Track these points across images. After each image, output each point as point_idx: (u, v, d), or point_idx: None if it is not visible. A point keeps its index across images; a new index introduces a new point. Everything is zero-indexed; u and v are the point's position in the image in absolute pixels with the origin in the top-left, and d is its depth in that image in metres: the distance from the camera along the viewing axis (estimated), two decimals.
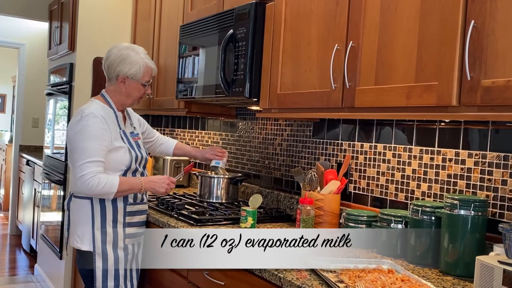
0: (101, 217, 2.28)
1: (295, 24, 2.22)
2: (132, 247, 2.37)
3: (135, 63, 2.34)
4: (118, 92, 2.37)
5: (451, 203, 1.72)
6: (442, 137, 2.01)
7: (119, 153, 2.28)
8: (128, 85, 2.35)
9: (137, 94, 2.39)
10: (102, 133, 2.21)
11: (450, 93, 1.52)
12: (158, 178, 2.34)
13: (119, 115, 2.37)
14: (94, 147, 2.18)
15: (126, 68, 2.33)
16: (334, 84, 1.96)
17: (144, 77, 2.37)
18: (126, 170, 2.32)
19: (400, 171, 2.18)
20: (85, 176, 2.17)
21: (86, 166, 2.17)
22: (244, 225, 2.29)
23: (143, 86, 2.38)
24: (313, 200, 2.24)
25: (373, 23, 1.83)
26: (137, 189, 2.29)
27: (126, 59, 2.33)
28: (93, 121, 2.21)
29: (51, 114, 4.55)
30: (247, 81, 2.39)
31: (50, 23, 4.66)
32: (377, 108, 1.81)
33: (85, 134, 2.19)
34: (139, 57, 2.35)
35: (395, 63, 1.73)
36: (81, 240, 2.28)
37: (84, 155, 2.18)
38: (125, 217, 2.33)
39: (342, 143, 2.48)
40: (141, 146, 2.45)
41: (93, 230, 2.27)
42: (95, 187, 2.17)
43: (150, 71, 2.39)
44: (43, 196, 4.66)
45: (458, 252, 1.70)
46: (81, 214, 2.29)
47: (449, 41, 1.53)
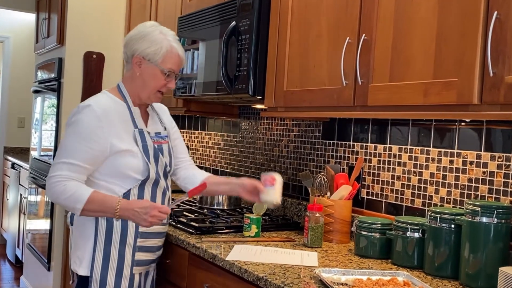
0: (105, 236, 2.03)
1: (303, 15, 2.23)
2: (139, 277, 2.12)
3: (156, 42, 2.04)
4: (133, 78, 2.09)
5: (472, 209, 1.73)
6: (463, 138, 2.02)
7: (126, 159, 2.02)
8: (145, 69, 2.06)
9: (154, 84, 2.07)
10: (95, 133, 1.97)
11: (471, 90, 1.53)
12: (139, 206, 1.95)
13: (135, 111, 2.10)
14: (77, 148, 1.97)
15: (144, 45, 2.04)
16: (345, 81, 1.97)
17: (165, 62, 2.05)
18: (144, 181, 2.05)
19: (416, 175, 2.19)
20: (52, 178, 1.96)
21: (59, 167, 1.97)
22: (248, 233, 2.30)
23: (163, 74, 2.06)
24: (322, 206, 2.25)
25: (387, 14, 1.84)
26: (110, 213, 1.96)
27: (147, 36, 2.05)
28: (89, 116, 1.98)
29: (38, 113, 4.58)
30: (250, 78, 2.40)
31: (37, 14, 4.69)
32: (392, 106, 1.82)
33: (73, 129, 1.99)
34: (164, 37, 2.06)
35: (412, 57, 1.74)
36: (79, 261, 2.05)
37: (63, 153, 1.98)
38: (137, 239, 2.07)
39: (354, 144, 2.49)
40: (166, 152, 2.17)
41: (94, 251, 2.02)
42: (58, 195, 1.95)
43: (175, 57, 2.07)
44: (29, 202, 4.68)
45: (479, 263, 1.71)
46: (83, 231, 2.07)
47: (470, 33, 1.54)
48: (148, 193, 2.08)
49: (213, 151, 3.58)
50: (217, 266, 2.02)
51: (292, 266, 1.89)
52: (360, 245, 2.08)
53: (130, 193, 2.05)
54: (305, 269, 1.86)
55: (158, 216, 1.95)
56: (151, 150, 2.08)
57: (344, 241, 2.28)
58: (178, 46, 2.09)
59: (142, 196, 2.07)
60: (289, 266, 1.89)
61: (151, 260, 2.16)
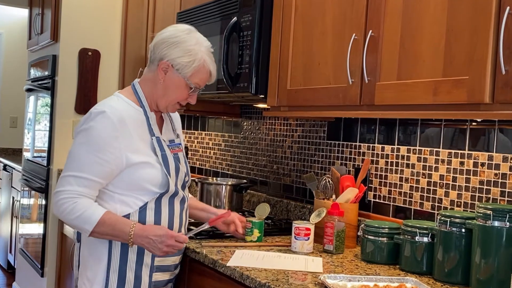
0: (120, 256, 1.95)
1: (307, 11, 2.24)
2: None
3: (191, 53, 1.96)
4: (154, 82, 2.01)
5: (483, 213, 1.73)
6: (474, 139, 2.02)
7: (143, 171, 1.94)
8: (170, 78, 1.98)
9: (176, 95, 2.01)
10: (110, 143, 1.88)
11: (483, 88, 1.53)
12: (155, 233, 1.88)
13: (151, 117, 2.02)
14: (89, 159, 1.87)
15: (176, 53, 1.96)
16: (351, 79, 1.97)
17: (194, 76, 1.98)
18: (162, 194, 1.98)
19: (426, 177, 2.19)
20: (60, 194, 1.88)
21: (68, 180, 1.88)
22: (250, 238, 2.30)
23: (189, 88, 2.00)
24: (344, 211, 2.21)
25: (395, 9, 1.85)
26: (124, 239, 1.90)
27: (182, 44, 1.96)
28: (103, 124, 1.88)
29: (31, 113, 4.59)
30: (252, 76, 2.41)
31: (30, 9, 4.70)
32: (399, 105, 1.82)
33: (85, 138, 1.90)
34: (199, 49, 1.98)
35: (420, 55, 1.75)
36: (90, 284, 1.96)
37: (73, 165, 1.90)
38: (154, 258, 1.99)
39: (360, 145, 2.49)
40: (182, 161, 2.09)
41: (108, 273, 1.94)
42: (66, 214, 1.88)
43: (206, 73, 2.01)
44: (22, 206, 4.70)
45: (491, 269, 1.71)
46: (94, 249, 1.97)
47: (481, 29, 1.55)
48: (165, 205, 2.01)
49: (213, 152, 3.59)
50: (218, 272, 2.03)
51: (295, 272, 1.90)
52: (366, 250, 2.09)
53: (147, 206, 1.97)
54: (309, 275, 1.86)
55: (174, 246, 1.90)
56: (170, 159, 2.00)
57: (350, 246, 2.29)
58: (211, 61, 2.02)
59: (159, 210, 1.99)
60: (292, 272, 1.90)
61: (168, 280, 2.09)
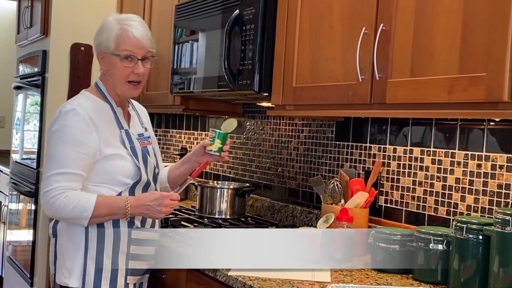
0: (97, 244, 2.08)
1: (315, 3, 2.24)
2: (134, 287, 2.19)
3: (105, 28, 2.13)
4: (104, 75, 2.18)
5: (502, 219, 1.73)
6: (491, 140, 2.03)
7: (115, 162, 2.10)
8: (106, 63, 2.14)
9: (119, 73, 2.11)
10: (85, 137, 2.03)
11: (501, 86, 1.54)
12: (150, 199, 2.05)
13: (118, 111, 2.18)
14: (69, 155, 2.02)
15: (99, 38, 2.15)
16: (361, 76, 1.98)
17: (119, 46, 2.09)
18: (135, 184, 2.13)
19: (440, 181, 2.19)
20: (50, 192, 2.01)
21: (54, 179, 2.01)
22: (211, 148, 2.23)
23: (121, 60, 2.10)
24: (353, 217, 2.21)
25: (408, 2, 1.85)
26: (122, 214, 2.06)
27: (101, 27, 2.16)
28: (74, 120, 2.04)
29: (20, 112, 4.60)
30: (256, 72, 2.41)
31: (18, 1, 4.70)
32: (412, 104, 1.82)
33: (60, 136, 2.05)
34: (111, 21, 2.13)
35: (435, 50, 1.75)
36: (69, 273, 2.09)
37: (54, 164, 2.03)
38: (130, 246, 2.13)
39: (370, 146, 2.50)
40: (152, 154, 2.25)
41: (85, 261, 2.07)
42: (62, 209, 1.99)
43: (128, 37, 2.10)
44: (10, 211, 4.70)
45: (510, 278, 1.71)
46: (71, 240, 2.10)
47: (499, 23, 1.55)
48: None
49: None
50: (218, 282, 2.03)
51: (302, 281, 1.90)
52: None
53: (121, 195, 2.11)
54: (316, 286, 1.87)
55: (171, 204, 2.06)
56: (139, 151, 2.16)
57: (360, 254, 2.29)
58: (133, 27, 2.10)
59: None
60: (299, 281, 1.90)
61: (144, 270, 2.23)
